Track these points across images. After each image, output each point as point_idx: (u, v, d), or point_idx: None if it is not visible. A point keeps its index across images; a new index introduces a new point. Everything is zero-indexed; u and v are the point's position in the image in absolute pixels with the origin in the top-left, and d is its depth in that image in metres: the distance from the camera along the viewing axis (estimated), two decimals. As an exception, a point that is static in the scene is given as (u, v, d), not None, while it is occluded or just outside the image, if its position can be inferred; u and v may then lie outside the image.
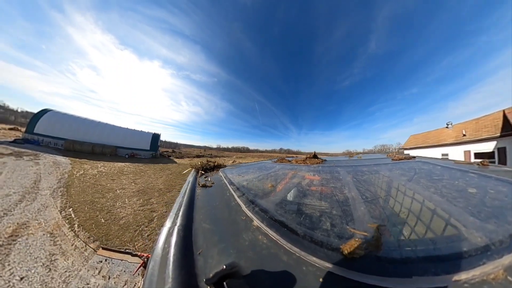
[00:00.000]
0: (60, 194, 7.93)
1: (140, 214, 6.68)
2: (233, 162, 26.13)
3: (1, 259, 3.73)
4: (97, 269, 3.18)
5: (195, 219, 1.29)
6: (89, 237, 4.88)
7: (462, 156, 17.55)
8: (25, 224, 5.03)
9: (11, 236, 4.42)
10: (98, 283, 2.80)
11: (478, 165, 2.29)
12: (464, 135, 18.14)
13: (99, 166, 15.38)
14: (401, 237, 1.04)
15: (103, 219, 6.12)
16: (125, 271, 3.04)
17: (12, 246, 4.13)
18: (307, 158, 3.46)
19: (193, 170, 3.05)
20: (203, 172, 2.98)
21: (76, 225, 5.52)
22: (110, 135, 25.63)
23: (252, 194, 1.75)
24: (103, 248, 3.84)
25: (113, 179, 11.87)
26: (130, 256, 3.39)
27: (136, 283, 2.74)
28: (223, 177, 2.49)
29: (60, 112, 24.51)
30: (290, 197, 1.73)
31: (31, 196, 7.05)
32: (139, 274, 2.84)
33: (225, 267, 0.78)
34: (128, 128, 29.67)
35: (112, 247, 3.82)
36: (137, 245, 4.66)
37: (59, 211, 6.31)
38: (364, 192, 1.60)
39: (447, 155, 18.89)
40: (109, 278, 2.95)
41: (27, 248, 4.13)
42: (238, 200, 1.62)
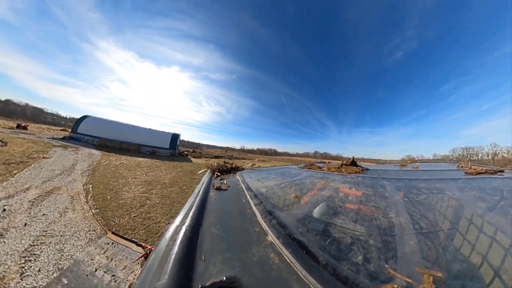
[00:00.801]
0: (87, 174, 10.85)
1: (137, 199, 8.35)
2: (252, 165, 24.35)
3: (38, 203, 6.38)
4: (103, 249, 3.57)
5: (205, 222, 1.24)
6: (94, 205, 7.01)
7: None
8: (59, 188, 7.84)
9: (48, 192, 7.16)
10: (101, 261, 3.20)
11: None
12: None
13: (122, 159, 18.57)
14: None
15: (109, 196, 8.17)
16: (127, 257, 3.28)
17: (46, 197, 6.82)
18: (342, 165, 3.02)
19: (209, 170, 2.97)
20: (219, 173, 2.88)
21: (89, 196, 7.80)
22: (134, 134, 29.30)
23: (270, 203, 1.59)
24: (112, 232, 4.12)
25: (129, 170, 14.56)
26: (135, 245, 3.56)
27: (134, 271, 2.88)
28: (240, 181, 2.34)
29: (96, 117, 30.61)
30: (316, 213, 1.50)
31: (68, 173, 10.15)
32: (138, 263, 2.97)
33: (225, 279, 0.74)
34: (150, 128, 33.09)
35: (119, 233, 4.02)
36: (122, 221, 6.17)
37: (82, 185, 9.04)
38: (418, 219, 1.23)
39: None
40: (112, 259, 3.28)
41: (55, 201, 6.74)
42: (254, 208, 1.48)
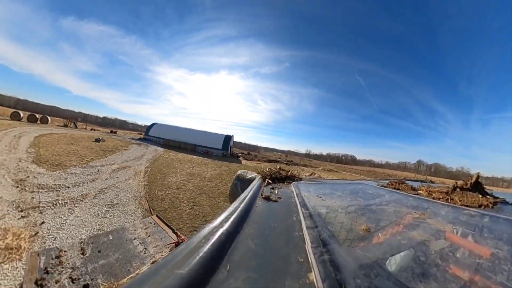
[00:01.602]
0: (150, 163, 15.33)
1: (176, 184, 11.56)
2: (311, 174, 22.73)
3: (116, 171, 10.87)
4: (145, 225, 4.13)
5: (243, 232, 1.14)
6: (146, 180, 11.29)
7: None
8: (129, 166, 12.84)
9: (123, 167, 11.81)
10: (141, 234, 3.77)
11: None
12: None
13: (178, 155, 23.07)
14: None
15: (158, 177, 12.23)
16: (161, 239, 3.72)
17: (121, 170, 11.78)
18: (456, 188, 1.87)
19: (259, 176, 2.69)
20: (270, 181, 2.56)
21: (146, 174, 12.26)
22: (191, 136, 34.95)
23: (328, 230, 1.19)
24: (157, 216, 4.72)
25: (181, 163, 18.53)
26: (171, 231, 3.96)
27: (163, 252, 3.31)
28: (294, 193, 1.96)
29: (161, 123, 40.66)
30: (393, 264, 0.98)
31: (137, 159, 15.45)
32: (169, 247, 3.36)
33: None
34: (205, 130, 38.55)
35: (162, 217, 4.85)
36: (158, 193, 9.45)
37: (144, 168, 13.42)
38: None
39: None
40: (149, 236, 3.80)
41: (125, 172, 11.30)
42: (304, 231, 1.16)
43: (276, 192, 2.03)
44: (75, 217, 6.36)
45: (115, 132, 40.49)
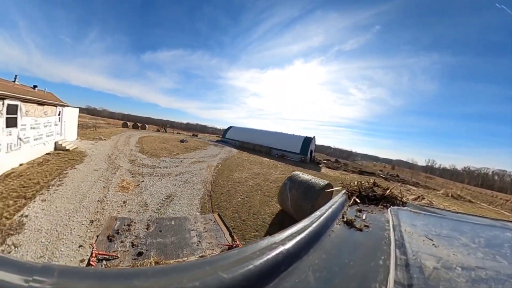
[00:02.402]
0: (222, 160, 18.96)
1: (239, 179, 13.29)
2: (418, 198, 16.23)
3: (193, 163, 13.97)
4: (205, 221, 4.53)
5: (306, 258, 1.00)
6: (215, 172, 14.58)
7: None
8: (204, 161, 17.18)
9: (199, 161, 17.17)
10: (199, 227, 4.20)
11: None
12: None
13: (250, 156, 25.15)
14: None
15: (226, 172, 15.14)
16: (216, 237, 3.91)
17: (197, 163, 16.55)
18: None
19: (343, 191, 2.26)
20: (358, 200, 2.05)
21: (216, 168, 15.70)
22: (267, 138, 35.77)
23: None
24: (218, 215, 5.04)
25: (251, 164, 20.22)
26: (228, 234, 4.10)
27: (214, 250, 3.62)
28: (390, 224, 1.44)
29: (237, 126, 45.24)
30: None
31: (212, 157, 20.77)
32: (221, 248, 3.66)
33: None
34: (282, 132, 38.46)
35: (224, 217, 5.28)
36: (222, 182, 11.94)
37: (216, 163, 17.00)
38: None
39: None
40: (206, 231, 4.09)
41: (200, 165, 16.11)
42: (390, 286, 0.84)
43: (363, 217, 1.60)
44: (161, 183, 10.42)
45: (196, 135, 50.05)
